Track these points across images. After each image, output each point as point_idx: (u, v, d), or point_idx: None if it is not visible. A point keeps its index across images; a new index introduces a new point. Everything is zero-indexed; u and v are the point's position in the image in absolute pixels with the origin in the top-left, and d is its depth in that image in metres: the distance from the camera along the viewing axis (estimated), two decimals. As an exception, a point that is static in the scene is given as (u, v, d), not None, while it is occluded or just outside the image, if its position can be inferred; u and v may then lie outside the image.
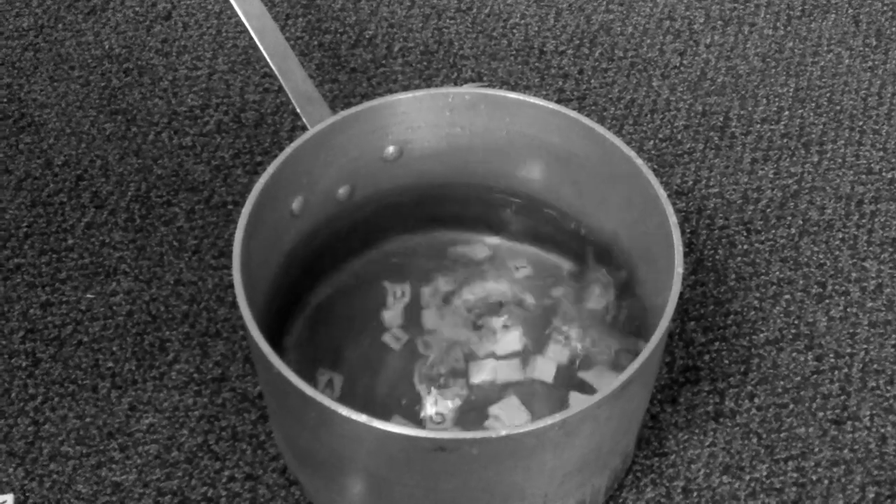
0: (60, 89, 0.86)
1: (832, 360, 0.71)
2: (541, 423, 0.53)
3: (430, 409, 0.65)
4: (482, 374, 0.66)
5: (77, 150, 0.82)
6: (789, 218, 0.78)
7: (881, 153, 0.82)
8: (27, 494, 0.66)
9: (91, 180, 0.81)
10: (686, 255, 0.75)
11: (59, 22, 0.91)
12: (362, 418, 0.54)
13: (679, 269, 0.59)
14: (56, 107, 0.85)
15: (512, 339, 0.67)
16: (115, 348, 0.72)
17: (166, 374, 0.70)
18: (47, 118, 0.84)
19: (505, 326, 0.68)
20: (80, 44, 0.89)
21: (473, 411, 0.65)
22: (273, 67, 0.70)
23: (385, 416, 0.55)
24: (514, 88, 0.86)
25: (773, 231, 0.78)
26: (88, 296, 0.74)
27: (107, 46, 0.89)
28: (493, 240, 0.73)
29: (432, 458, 0.55)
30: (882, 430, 0.68)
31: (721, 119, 0.84)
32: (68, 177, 0.81)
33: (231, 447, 0.67)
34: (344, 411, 0.54)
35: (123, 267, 0.76)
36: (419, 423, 0.64)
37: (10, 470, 0.66)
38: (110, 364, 0.71)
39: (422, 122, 0.68)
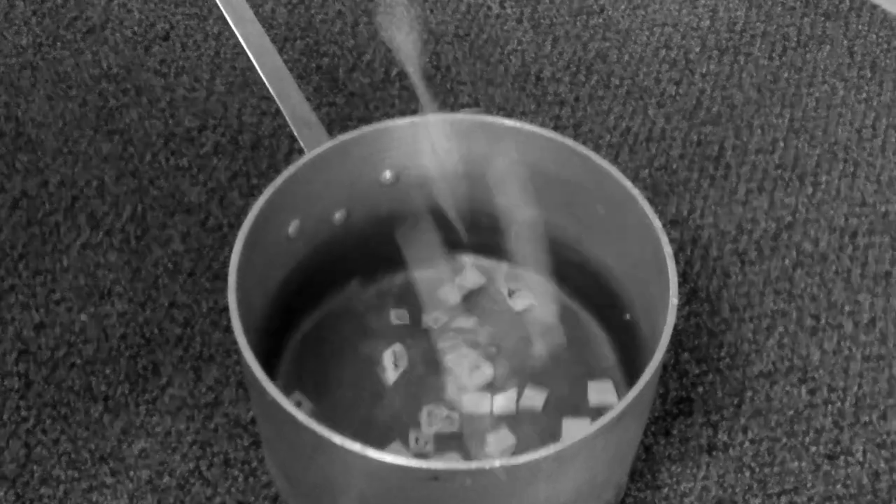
0: (58, 108, 0.86)
1: (825, 394, 0.71)
2: (535, 454, 0.53)
3: (421, 433, 0.65)
4: (474, 404, 0.66)
5: (73, 169, 0.82)
6: (783, 249, 0.79)
7: (875, 185, 0.83)
8: (17, 518, 0.65)
9: (87, 200, 0.80)
10: (680, 285, 0.75)
11: (58, 41, 0.91)
12: (356, 447, 0.53)
13: (674, 299, 0.59)
14: (53, 126, 0.85)
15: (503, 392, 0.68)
16: (108, 371, 0.71)
17: (159, 398, 0.70)
18: (44, 137, 0.84)
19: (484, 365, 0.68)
20: (78, 63, 0.89)
21: (467, 438, 0.65)
22: (271, 90, 0.70)
23: (378, 444, 0.55)
24: (510, 115, 0.86)
25: (767, 262, 0.78)
26: (82, 317, 0.74)
27: (105, 66, 0.89)
28: (489, 266, 0.73)
29: (426, 487, 0.55)
30: (875, 466, 0.68)
31: (716, 149, 0.85)
32: (64, 197, 0.81)
33: (223, 473, 0.67)
34: (337, 439, 0.54)
35: (118, 289, 0.75)
36: (411, 450, 0.64)
37: (1, 493, 0.66)
38: (103, 387, 0.71)
39: (419, 148, 0.68)
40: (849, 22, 0.94)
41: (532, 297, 0.71)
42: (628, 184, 0.64)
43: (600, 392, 0.67)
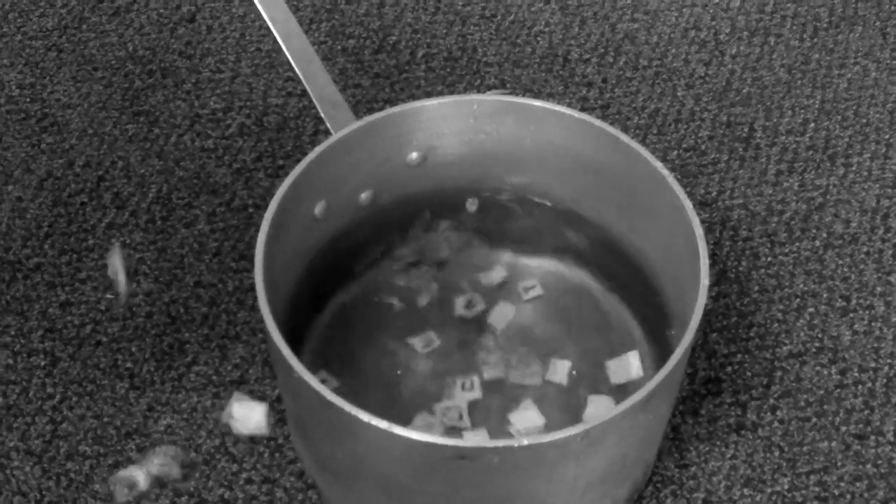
0: (83, 90, 0.86)
1: (856, 375, 0.70)
2: (564, 433, 0.53)
3: (447, 406, 0.65)
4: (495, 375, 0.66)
5: (99, 150, 0.82)
6: (814, 231, 0.78)
7: (907, 167, 0.82)
8: (44, 493, 0.65)
9: (112, 181, 0.81)
10: (710, 266, 0.74)
11: (84, 23, 0.91)
12: (383, 424, 0.53)
13: (705, 280, 0.58)
14: (79, 107, 0.85)
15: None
16: (133, 349, 0.71)
17: (185, 376, 0.70)
18: (70, 118, 0.84)
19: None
20: (103, 45, 0.90)
21: (490, 415, 0.65)
22: (298, 71, 0.70)
23: (403, 422, 0.54)
24: (537, 96, 0.85)
25: (798, 244, 0.77)
26: (108, 296, 0.74)
27: (130, 48, 0.89)
28: (515, 248, 0.72)
29: (453, 465, 0.54)
30: (906, 447, 0.67)
31: (746, 130, 0.84)
32: (90, 177, 0.81)
33: (248, 450, 0.67)
34: (364, 417, 0.53)
35: (143, 268, 0.75)
36: (438, 427, 0.64)
37: (28, 468, 0.66)
38: (129, 365, 0.71)
39: (446, 129, 0.68)
40: (881, 2, 0.93)
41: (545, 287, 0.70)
42: (658, 164, 0.63)
43: (622, 369, 0.66)
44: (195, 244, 0.77)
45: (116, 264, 0.63)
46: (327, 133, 0.66)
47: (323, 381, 0.64)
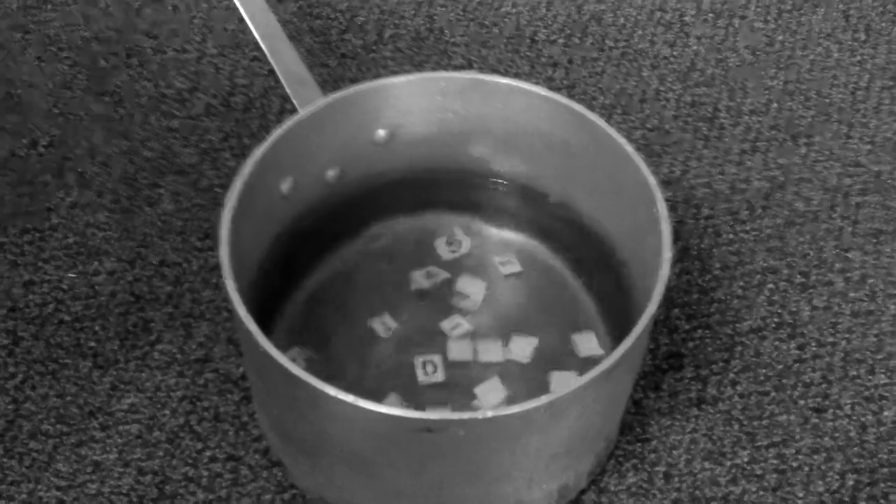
0: (48, 70, 0.86)
1: (814, 349, 0.71)
2: (528, 405, 0.53)
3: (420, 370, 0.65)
4: (461, 353, 0.66)
5: (63, 130, 0.82)
6: (775, 208, 0.79)
7: (868, 146, 0.83)
8: (6, 472, 0.65)
9: (77, 161, 0.80)
10: (672, 243, 0.75)
11: (48, 2, 0.90)
12: (349, 398, 0.53)
13: (668, 253, 0.59)
14: (43, 87, 0.85)
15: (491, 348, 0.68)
16: (97, 328, 0.71)
17: (149, 355, 0.70)
18: (34, 98, 0.84)
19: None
20: (68, 25, 0.89)
21: (457, 389, 0.65)
22: (264, 48, 0.70)
23: (378, 398, 0.54)
24: (504, 76, 0.85)
25: (759, 221, 0.78)
26: (71, 275, 0.74)
27: (95, 28, 0.89)
28: (481, 226, 0.72)
29: (419, 438, 0.55)
30: (862, 419, 0.68)
31: (710, 110, 0.85)
32: (54, 157, 0.80)
33: (213, 428, 0.67)
34: (331, 391, 0.53)
35: (107, 247, 0.75)
36: (408, 400, 0.64)
37: (-9, 447, 0.66)
38: (92, 343, 0.70)
39: (413, 107, 0.68)
40: (843, -15, 0.94)
41: (518, 263, 0.71)
42: (623, 141, 0.64)
43: (586, 343, 0.67)
44: (160, 223, 0.77)
45: None
46: (293, 112, 0.66)
47: (294, 360, 0.65)
